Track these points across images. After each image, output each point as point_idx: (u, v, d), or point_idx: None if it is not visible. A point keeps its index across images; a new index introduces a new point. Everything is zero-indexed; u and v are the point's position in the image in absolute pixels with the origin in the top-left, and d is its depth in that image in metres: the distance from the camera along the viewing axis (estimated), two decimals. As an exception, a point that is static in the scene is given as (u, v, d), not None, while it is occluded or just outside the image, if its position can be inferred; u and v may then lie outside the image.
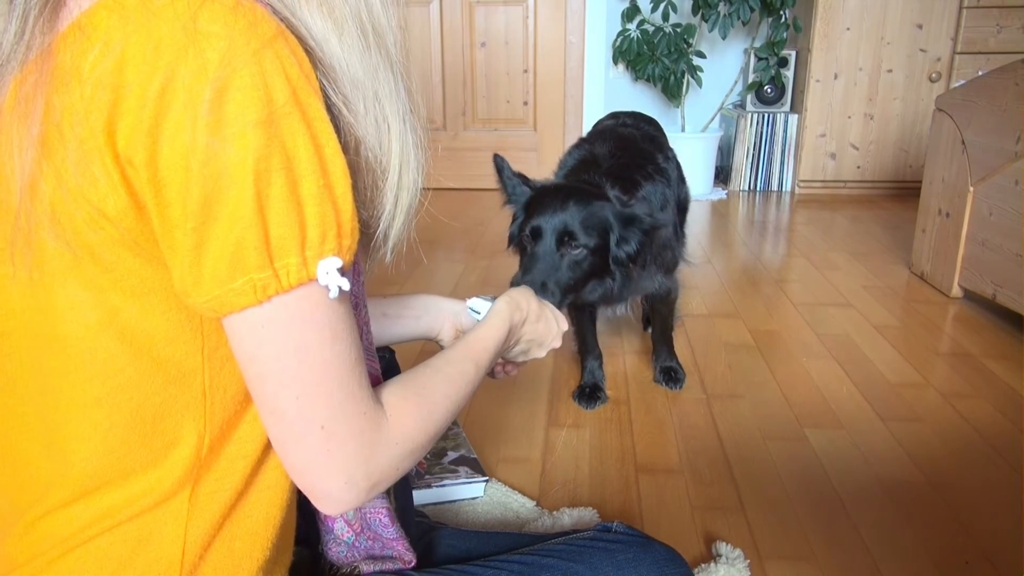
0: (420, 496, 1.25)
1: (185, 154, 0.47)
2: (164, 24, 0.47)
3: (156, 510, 0.56)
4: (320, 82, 0.54)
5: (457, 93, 3.81)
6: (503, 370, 1.00)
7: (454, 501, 1.28)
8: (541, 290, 1.32)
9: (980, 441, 1.49)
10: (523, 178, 1.50)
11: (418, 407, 0.62)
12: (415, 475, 1.29)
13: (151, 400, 0.55)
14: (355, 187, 0.58)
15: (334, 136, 0.52)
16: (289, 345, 0.52)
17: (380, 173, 0.60)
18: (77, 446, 0.55)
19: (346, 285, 0.52)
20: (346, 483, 0.55)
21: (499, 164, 1.51)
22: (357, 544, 0.72)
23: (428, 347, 1.91)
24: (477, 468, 1.33)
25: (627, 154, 1.62)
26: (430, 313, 1.01)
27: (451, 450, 1.38)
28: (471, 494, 1.29)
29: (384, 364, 1.17)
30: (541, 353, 0.96)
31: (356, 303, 0.63)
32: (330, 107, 0.55)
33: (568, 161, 1.71)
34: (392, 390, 0.62)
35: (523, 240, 1.42)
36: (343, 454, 0.55)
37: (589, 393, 1.65)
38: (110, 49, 0.47)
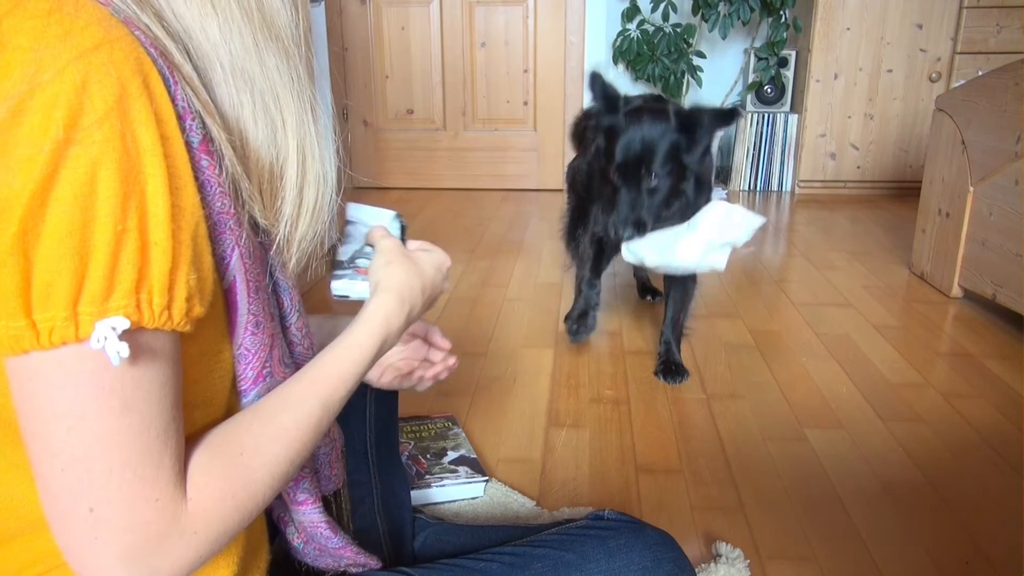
0: (420, 496, 1.25)
1: None
2: None
3: None
4: (183, 92, 0.48)
5: (457, 93, 3.81)
6: (427, 377, 0.89)
7: (454, 501, 1.28)
8: (635, 227, 1.53)
9: (980, 441, 1.49)
10: (612, 98, 1.59)
11: (230, 484, 0.51)
12: (415, 475, 1.29)
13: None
14: (239, 194, 0.53)
15: (165, 169, 0.45)
16: (58, 408, 0.44)
17: (276, 171, 0.55)
18: None
19: (125, 351, 0.43)
20: None
21: (592, 83, 1.62)
22: (307, 552, 0.70)
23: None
24: (477, 468, 1.33)
25: None
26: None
27: (451, 450, 1.38)
28: (471, 494, 1.29)
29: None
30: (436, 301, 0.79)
31: (257, 321, 0.57)
32: (198, 112, 0.49)
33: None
34: (200, 462, 0.50)
35: (611, 176, 1.58)
36: (117, 545, 0.46)
37: (578, 316, 1.75)
38: None
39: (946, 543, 1.18)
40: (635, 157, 1.53)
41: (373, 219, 0.79)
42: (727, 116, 1.52)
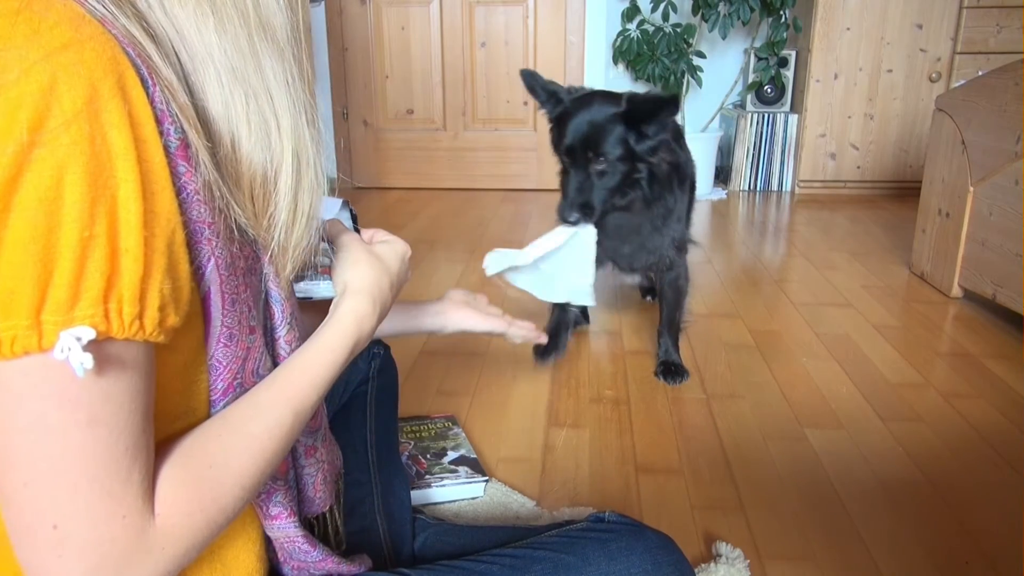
0: (420, 496, 1.25)
1: None
2: None
3: None
4: (162, 95, 0.47)
5: (457, 93, 3.81)
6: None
7: (454, 501, 1.28)
8: (581, 210, 1.49)
9: (980, 441, 1.49)
10: (552, 91, 1.59)
11: (200, 497, 0.50)
12: (415, 475, 1.29)
13: None
14: (215, 202, 0.52)
15: (138, 174, 0.44)
16: (22, 420, 0.42)
17: (270, 176, 0.54)
18: None
19: (89, 363, 0.42)
20: None
21: (529, 82, 1.60)
22: (287, 569, 0.69)
23: (431, 343, 1.90)
24: (477, 468, 1.33)
25: None
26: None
27: (451, 450, 1.38)
28: (471, 494, 1.29)
29: (380, 362, 1.13)
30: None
31: (231, 333, 0.56)
32: (176, 116, 0.48)
33: None
34: (169, 475, 0.49)
35: (560, 159, 1.56)
36: (82, 564, 0.44)
37: (549, 335, 1.72)
38: None
39: (946, 543, 1.18)
40: (582, 138, 1.49)
41: (323, 210, 0.77)
42: (672, 102, 1.47)
